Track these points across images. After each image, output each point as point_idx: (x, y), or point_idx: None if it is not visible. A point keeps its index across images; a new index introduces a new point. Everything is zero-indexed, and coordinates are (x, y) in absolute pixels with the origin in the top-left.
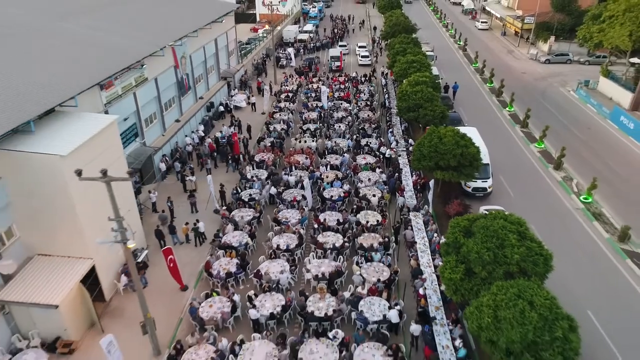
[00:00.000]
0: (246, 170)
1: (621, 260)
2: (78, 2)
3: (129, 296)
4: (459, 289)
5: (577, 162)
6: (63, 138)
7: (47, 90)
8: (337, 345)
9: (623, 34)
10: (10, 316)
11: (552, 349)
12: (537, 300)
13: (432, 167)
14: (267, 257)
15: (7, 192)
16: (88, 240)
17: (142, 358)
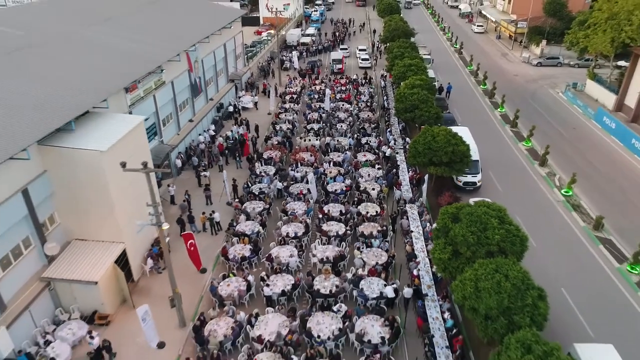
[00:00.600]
0: (255, 166)
1: (594, 245)
2: (97, 12)
3: (154, 277)
4: (447, 267)
5: (561, 159)
6: (100, 136)
7: (83, 93)
8: (341, 317)
9: (605, 40)
10: (54, 292)
11: (523, 313)
12: (511, 273)
13: (426, 163)
14: (277, 243)
15: (51, 184)
16: (121, 226)
17: (169, 329)
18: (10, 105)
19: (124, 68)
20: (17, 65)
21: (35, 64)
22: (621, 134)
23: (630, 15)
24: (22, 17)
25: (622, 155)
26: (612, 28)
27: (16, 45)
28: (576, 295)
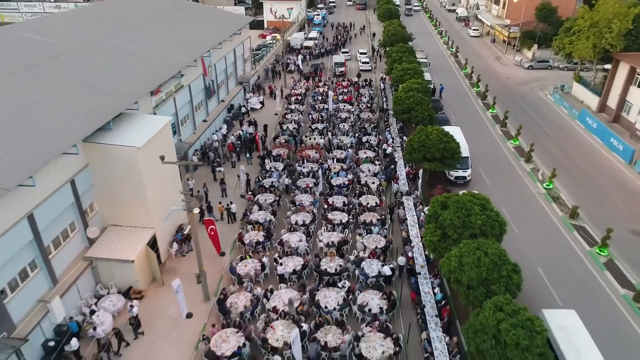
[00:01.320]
0: (265, 162)
1: (569, 232)
2: (116, 21)
3: (178, 260)
4: (437, 248)
5: (545, 156)
6: (134, 134)
7: (116, 96)
8: (345, 292)
9: (588, 46)
10: (95, 270)
11: (498, 283)
12: (490, 251)
13: (420, 159)
14: (287, 230)
15: (92, 176)
16: (152, 213)
17: (196, 303)
18: (61, 107)
19: (148, 73)
20: (57, 72)
21: (71, 70)
22: (601, 133)
23: (610, 23)
24: (50, 26)
25: (601, 152)
26: (594, 35)
27: (52, 53)
28: (550, 273)
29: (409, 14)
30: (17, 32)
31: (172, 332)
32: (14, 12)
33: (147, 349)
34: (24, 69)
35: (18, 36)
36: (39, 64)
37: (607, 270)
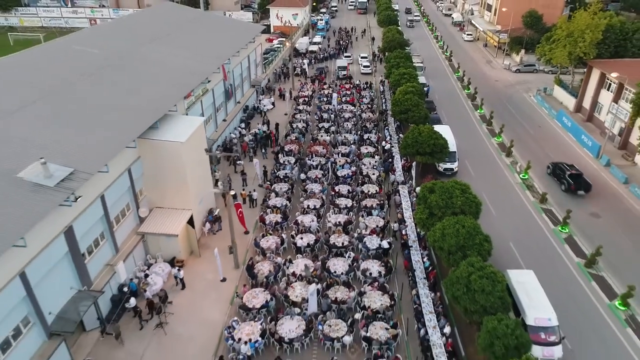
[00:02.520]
0: (279, 156)
1: (538, 213)
2: (144, 32)
3: (210, 237)
4: (425, 224)
5: (524, 151)
6: (177, 131)
7: (158, 100)
8: (350, 261)
9: (564, 53)
10: (146, 243)
11: (472, 249)
12: (466, 224)
13: (414, 153)
14: (301, 213)
15: (142, 166)
16: (190, 197)
17: (228, 270)
18: (118, 110)
19: (180, 79)
20: (107, 79)
21: (117, 77)
22: (574, 131)
23: (583, 33)
24: (92, 39)
25: (573, 148)
26: (570, 44)
27: (99, 63)
28: (519, 246)
29: (410, 26)
30: (68, 44)
31: (211, 292)
32: (33, 17)
33: (193, 304)
34: (81, 77)
35: (69, 48)
36: (93, 73)
37: (566, 244)
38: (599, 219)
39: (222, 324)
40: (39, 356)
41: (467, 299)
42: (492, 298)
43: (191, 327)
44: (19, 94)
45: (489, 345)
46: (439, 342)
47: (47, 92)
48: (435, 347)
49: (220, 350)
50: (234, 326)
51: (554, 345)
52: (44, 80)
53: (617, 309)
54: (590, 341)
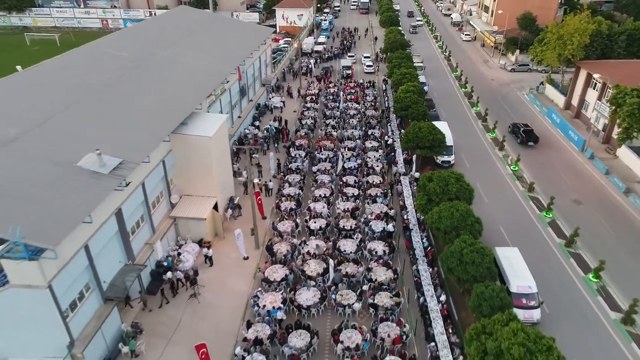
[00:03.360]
0: (290, 150)
1: (526, 201)
2: (164, 36)
3: (232, 222)
4: (424, 209)
5: (516, 145)
6: (204, 127)
7: (185, 99)
8: (358, 242)
9: (554, 55)
10: (177, 225)
11: (465, 229)
12: (460, 208)
13: (414, 146)
14: (312, 200)
15: (173, 158)
16: (215, 185)
17: (250, 250)
18: (152, 108)
19: (202, 80)
20: (139, 80)
21: (147, 78)
22: (562, 126)
23: (572, 37)
24: (119, 43)
25: (561, 142)
26: (559, 46)
27: (130, 65)
28: (508, 229)
29: (413, 32)
30: (100, 48)
31: (236, 268)
32: (46, 17)
33: (221, 279)
34: (115, 78)
35: (101, 51)
36: (124, 74)
37: (549, 227)
38: (580, 205)
39: (247, 295)
40: (97, 317)
41: (460, 269)
42: (480, 269)
43: (220, 297)
44: (65, 94)
45: (478, 306)
46: (436, 308)
47: (88, 92)
48: (433, 312)
49: (247, 315)
50: (259, 295)
51: (534, 309)
52: (84, 82)
53: (591, 281)
54: (565, 307)
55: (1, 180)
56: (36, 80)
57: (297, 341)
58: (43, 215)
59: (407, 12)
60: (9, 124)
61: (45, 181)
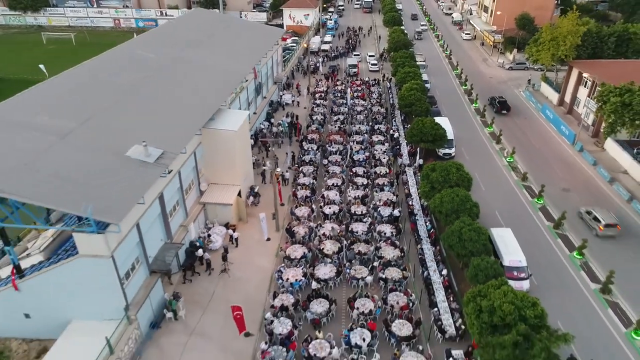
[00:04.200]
0: (303, 144)
1: (520, 189)
2: (184, 38)
3: (252, 208)
4: (428, 195)
5: (511, 139)
6: (229, 122)
7: (211, 97)
8: (368, 225)
9: (548, 55)
10: (205, 210)
11: (464, 212)
12: (460, 194)
13: (418, 140)
14: (325, 189)
15: (203, 150)
16: (238, 174)
17: (271, 232)
18: (183, 104)
19: (224, 78)
20: (167, 80)
21: (174, 78)
22: (555, 121)
23: (565, 38)
24: (146, 44)
25: (553, 136)
26: (553, 47)
27: (157, 66)
28: (502, 212)
29: (419, 38)
30: (130, 49)
31: (259, 248)
32: (60, 17)
33: (247, 257)
34: (148, 78)
35: (131, 53)
36: (153, 74)
37: (540, 212)
38: (568, 193)
39: (271, 270)
40: (145, 286)
41: (459, 246)
42: (477, 245)
43: (247, 273)
44: (106, 92)
45: (474, 275)
46: (438, 280)
47: (125, 90)
48: (435, 283)
49: (272, 287)
50: (282, 270)
51: (523, 280)
52: (120, 81)
53: (575, 258)
54: (552, 279)
55: (66, 168)
56: (79, 79)
57: (317, 308)
58: (105, 196)
59: (411, 15)
60: (64, 119)
61: (102, 168)
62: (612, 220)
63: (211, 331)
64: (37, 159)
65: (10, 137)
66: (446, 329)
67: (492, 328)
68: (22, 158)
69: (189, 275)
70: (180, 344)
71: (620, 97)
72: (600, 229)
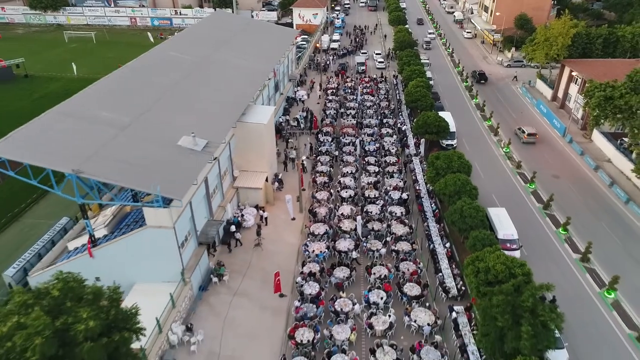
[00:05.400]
0: (318, 136)
1: (514, 176)
2: (211, 40)
3: (277, 193)
4: (433, 180)
5: (507, 131)
6: (258, 116)
7: (241, 94)
8: (380, 206)
9: (542, 54)
10: (238, 194)
11: (465, 193)
12: (461, 178)
13: (423, 132)
14: (341, 176)
15: (235, 140)
16: (266, 162)
17: (295, 212)
18: (218, 101)
19: (251, 77)
20: (202, 79)
21: (208, 77)
22: (548, 115)
23: (557, 39)
24: (179, 46)
25: (546, 128)
26: (546, 47)
27: (192, 67)
28: (498, 195)
29: (427, 48)
30: (164, 51)
31: (286, 226)
32: (79, 16)
33: (276, 234)
34: (185, 77)
35: (166, 55)
36: (189, 74)
37: (531, 195)
38: (558, 179)
39: (298, 245)
40: (195, 255)
41: (461, 222)
42: (476, 220)
43: (277, 246)
44: (151, 91)
45: (473, 245)
46: (442, 251)
47: (167, 90)
48: (440, 254)
49: (300, 259)
50: (308, 244)
51: (515, 251)
52: (161, 81)
53: (560, 233)
54: (539, 251)
55: (131, 155)
56: (126, 79)
57: (340, 274)
58: (166, 178)
59: (417, 20)
60: (121, 114)
61: (159, 155)
62: (533, 131)
63: (251, 292)
64: (107, 147)
65: (83, 129)
66: (449, 290)
67: (487, 284)
68: (95, 146)
69: (232, 246)
70: (226, 302)
71: (604, 93)
72: (524, 137)
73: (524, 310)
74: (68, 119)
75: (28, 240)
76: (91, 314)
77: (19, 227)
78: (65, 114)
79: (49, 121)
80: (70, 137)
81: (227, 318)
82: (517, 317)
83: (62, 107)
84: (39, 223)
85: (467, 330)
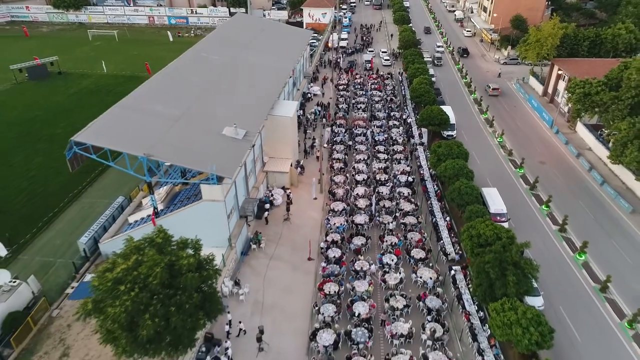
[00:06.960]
0: (332, 127)
1: (506, 162)
2: (236, 40)
3: (299, 177)
4: (435, 165)
5: (502, 123)
6: (284, 110)
7: (269, 90)
8: (390, 188)
9: (533, 54)
10: (267, 177)
11: (463, 176)
12: (459, 163)
13: (426, 124)
14: (355, 162)
15: (265, 131)
16: (290, 150)
17: (316, 193)
18: (253, 96)
19: (276, 75)
20: (234, 78)
21: (239, 76)
22: (538, 109)
23: (547, 40)
24: (210, 47)
25: (536, 121)
26: (537, 47)
27: (224, 67)
28: (491, 178)
29: (438, 64)
30: (196, 53)
31: (309, 205)
32: (99, 14)
33: (301, 210)
34: (218, 76)
35: (199, 56)
36: (222, 73)
37: (520, 178)
38: (544, 165)
39: (320, 219)
40: (237, 225)
41: (459, 198)
42: (471, 197)
43: (303, 220)
44: (191, 88)
45: (469, 217)
46: (443, 224)
47: (203, 87)
48: (441, 226)
49: (323, 230)
50: (329, 219)
51: (504, 223)
52: (198, 79)
53: (543, 209)
54: (524, 224)
55: (186, 142)
56: (170, 78)
57: (357, 241)
58: (217, 161)
59: (424, 29)
60: (171, 108)
61: (208, 142)
62: (496, 87)
63: (284, 257)
64: (166, 135)
65: (144, 120)
66: (449, 254)
67: (479, 246)
68: (157, 135)
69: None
70: (264, 264)
71: (583, 89)
72: (490, 91)
73: (508, 264)
74: (130, 112)
75: (89, 216)
76: (189, 254)
77: (79, 206)
78: (127, 108)
79: (116, 115)
80: (135, 127)
81: (266, 276)
82: (503, 269)
83: (123, 103)
84: (95, 202)
85: (463, 285)
